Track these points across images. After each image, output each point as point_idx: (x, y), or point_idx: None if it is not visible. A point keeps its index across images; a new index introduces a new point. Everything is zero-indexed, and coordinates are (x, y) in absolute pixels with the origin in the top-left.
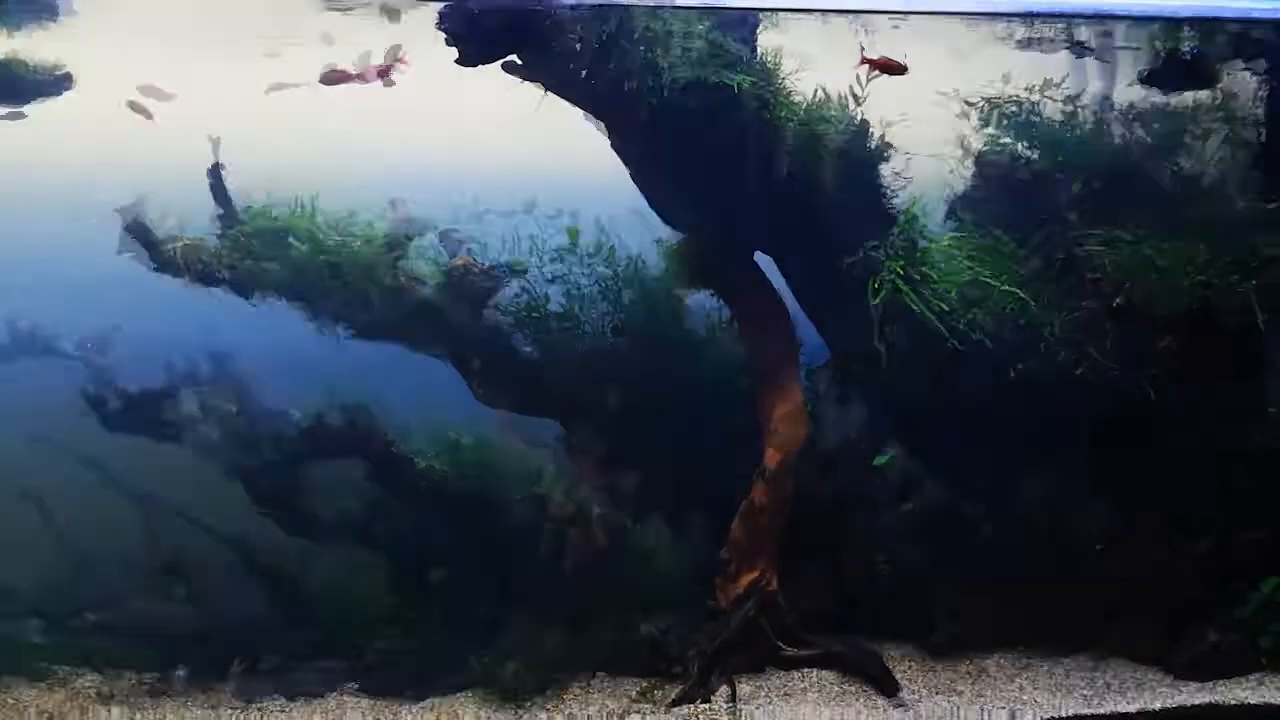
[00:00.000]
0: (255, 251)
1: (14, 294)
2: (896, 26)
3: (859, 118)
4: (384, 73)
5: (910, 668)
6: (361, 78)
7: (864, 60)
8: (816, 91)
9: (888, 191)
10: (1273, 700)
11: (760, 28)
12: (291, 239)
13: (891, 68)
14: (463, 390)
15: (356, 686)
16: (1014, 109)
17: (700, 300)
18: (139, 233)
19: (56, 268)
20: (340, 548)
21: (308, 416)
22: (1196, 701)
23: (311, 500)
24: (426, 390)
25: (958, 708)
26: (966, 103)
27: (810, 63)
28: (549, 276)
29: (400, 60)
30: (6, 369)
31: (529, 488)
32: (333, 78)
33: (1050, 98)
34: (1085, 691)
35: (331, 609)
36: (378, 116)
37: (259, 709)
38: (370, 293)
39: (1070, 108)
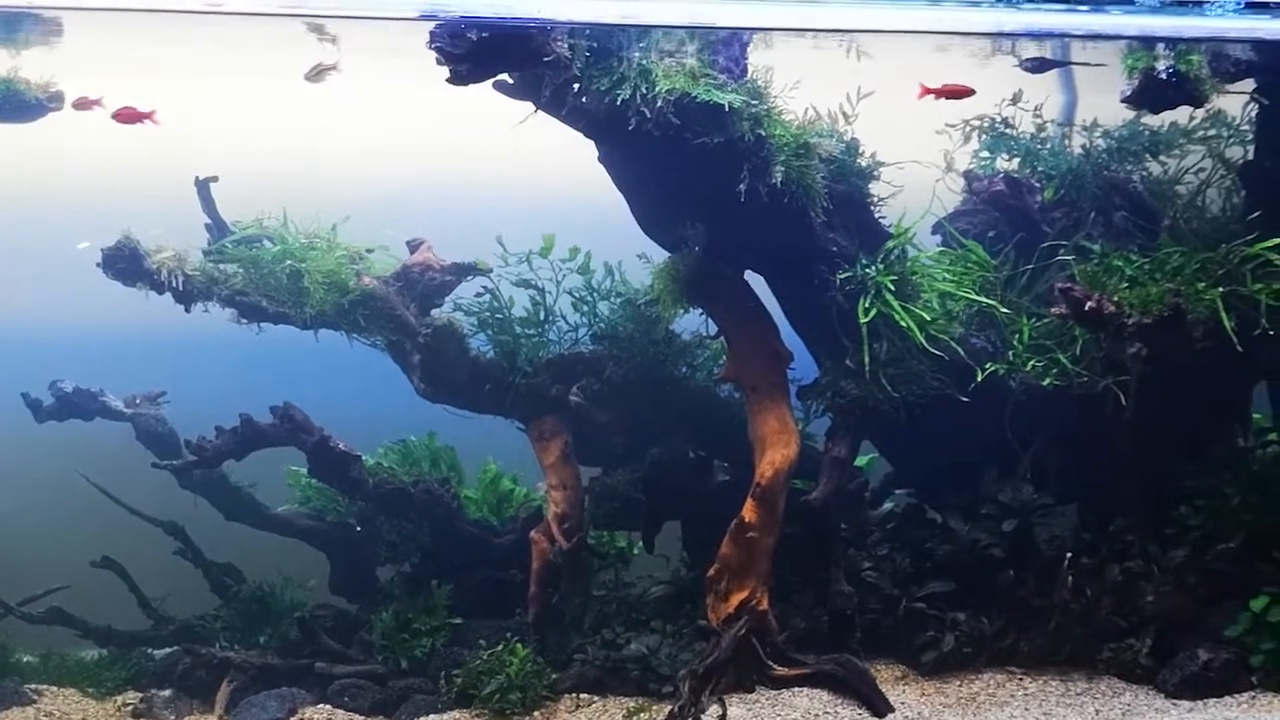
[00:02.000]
0: (230, 256)
1: None
2: (854, 55)
3: (849, 135)
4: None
5: (903, 691)
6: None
7: (925, 91)
8: (807, 110)
9: (877, 209)
10: (1263, 719)
11: (751, 47)
12: (266, 241)
13: (958, 92)
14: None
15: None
16: (991, 126)
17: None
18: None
19: None
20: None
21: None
22: None
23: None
24: (377, 385)
25: None
26: (947, 124)
27: (801, 81)
28: (515, 280)
29: (332, 67)
30: None
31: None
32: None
33: (1024, 111)
34: (1077, 712)
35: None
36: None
37: None
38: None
39: (1041, 121)
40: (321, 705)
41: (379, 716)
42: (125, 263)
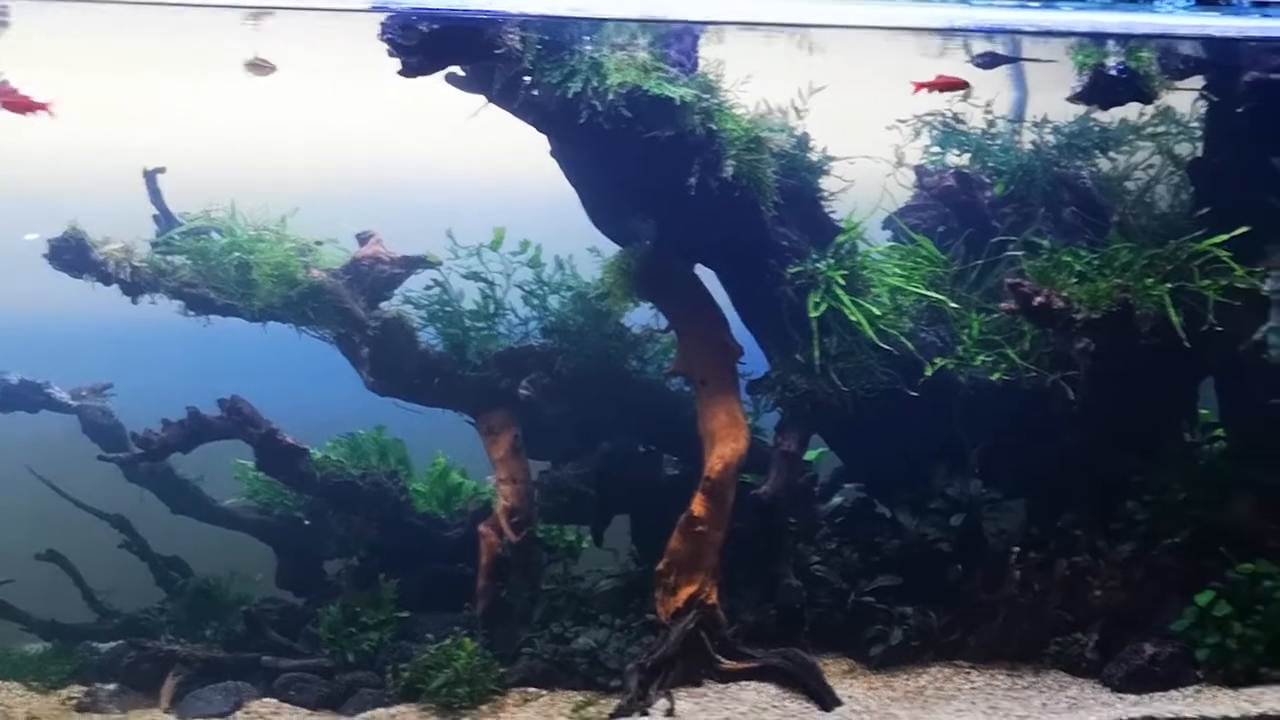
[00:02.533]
0: (178, 247)
1: None
2: (806, 49)
3: (800, 130)
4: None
5: (851, 684)
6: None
7: (919, 86)
8: (758, 104)
9: (828, 203)
10: (1207, 714)
11: (702, 41)
12: (214, 233)
13: (953, 85)
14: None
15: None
16: (942, 121)
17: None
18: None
19: None
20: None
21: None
22: (1133, 715)
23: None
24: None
25: None
26: (898, 119)
27: (753, 75)
28: (465, 273)
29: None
30: None
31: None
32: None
33: (975, 106)
34: (1023, 706)
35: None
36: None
37: None
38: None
39: (991, 116)
40: (268, 699)
41: (325, 710)
42: (72, 254)
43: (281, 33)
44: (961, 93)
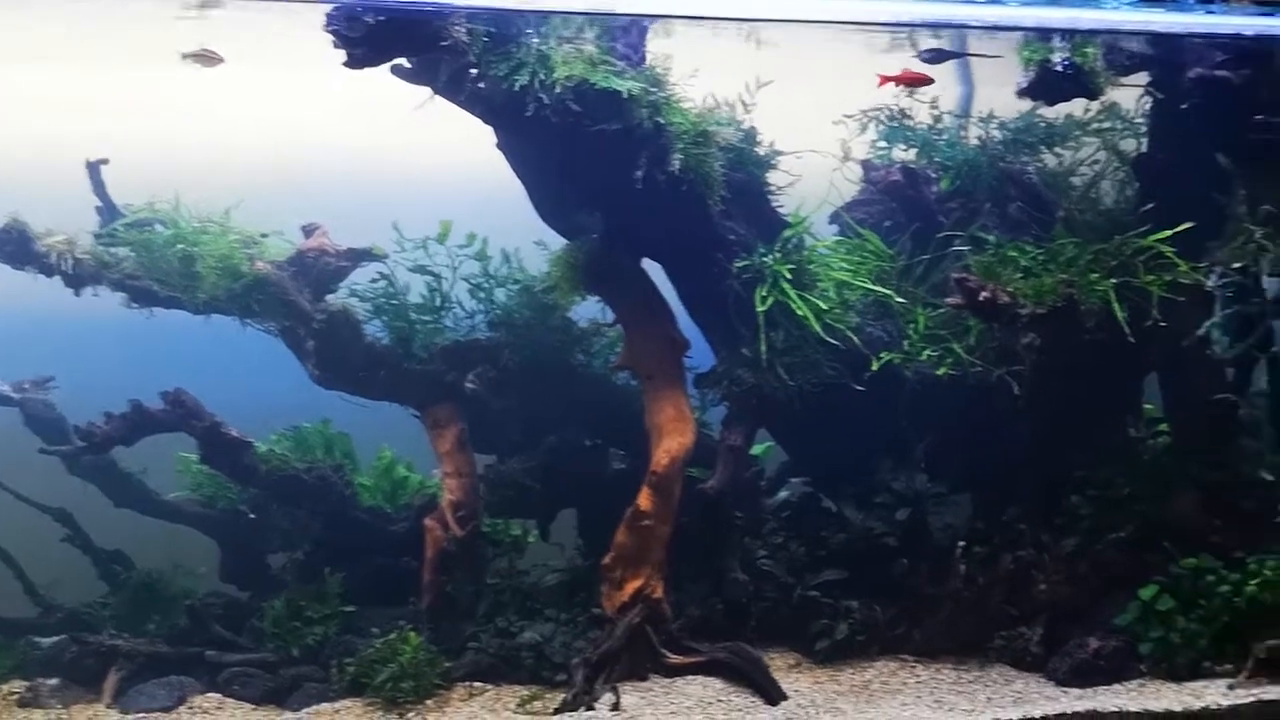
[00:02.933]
0: (121, 239)
1: None
2: (754, 43)
3: (748, 124)
4: None
5: (797, 678)
6: None
7: (884, 80)
8: (706, 98)
9: (775, 197)
10: (1151, 707)
11: (650, 34)
12: (158, 224)
13: (916, 80)
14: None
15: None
16: (888, 116)
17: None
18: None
19: None
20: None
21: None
22: (1077, 709)
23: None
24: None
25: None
26: (845, 114)
27: (700, 69)
28: (411, 266)
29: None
30: None
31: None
32: None
33: (921, 102)
34: (968, 700)
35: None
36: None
37: None
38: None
39: (937, 112)
40: (211, 694)
41: (270, 705)
42: (13, 245)
43: (229, 23)
44: (909, 89)
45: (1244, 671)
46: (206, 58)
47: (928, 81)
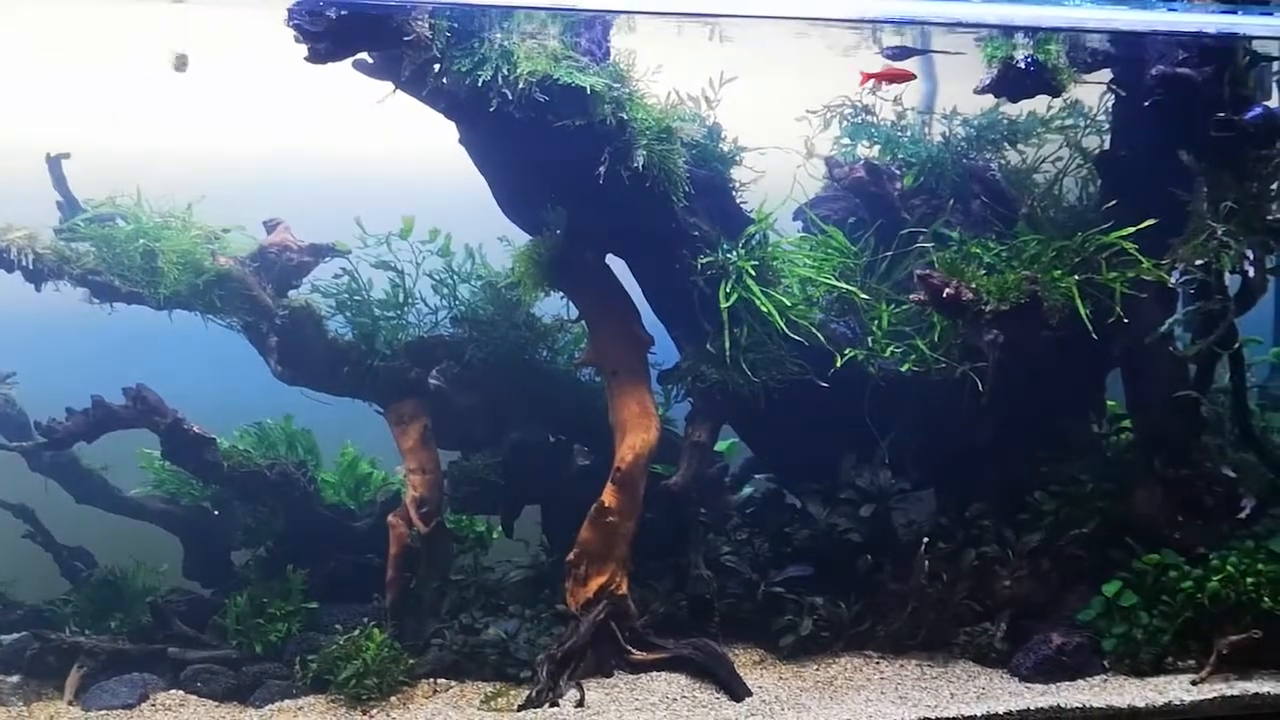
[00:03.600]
0: (83, 234)
1: None
2: (717, 39)
3: (711, 120)
4: None
5: (762, 674)
6: None
7: (866, 77)
8: (670, 94)
9: (739, 194)
10: (1114, 703)
11: (614, 30)
12: (119, 220)
13: (898, 77)
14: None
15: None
16: (852, 113)
17: (549, 303)
18: None
19: None
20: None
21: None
22: (1040, 705)
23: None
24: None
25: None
26: (809, 110)
27: (664, 65)
28: (374, 262)
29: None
30: None
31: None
32: None
33: (885, 99)
34: (932, 696)
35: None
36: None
37: (99, 717)
38: (174, 271)
39: (901, 109)
40: (174, 690)
41: (233, 702)
42: None
43: (188, 16)
44: (891, 83)
45: (1207, 667)
46: (182, 59)
47: (910, 78)
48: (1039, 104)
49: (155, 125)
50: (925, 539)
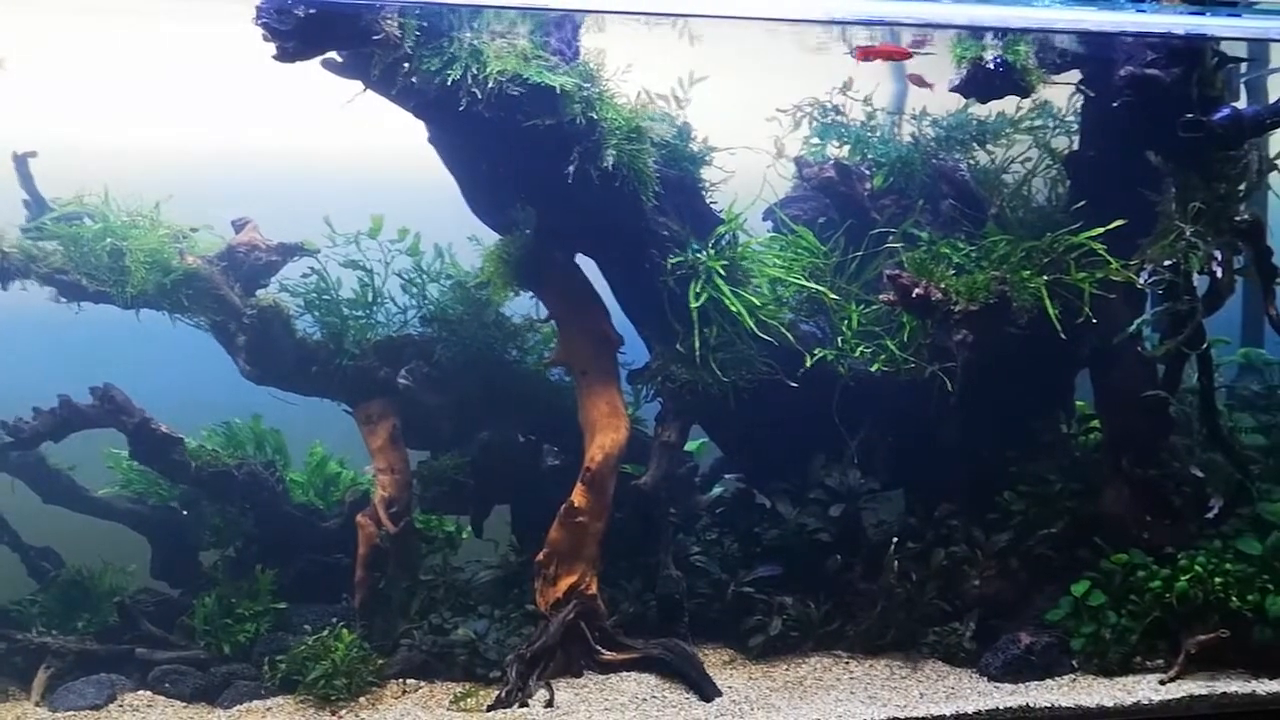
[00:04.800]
0: (49, 233)
1: None
2: (687, 39)
3: (681, 120)
4: None
5: (731, 674)
6: None
7: (863, 53)
8: (640, 94)
9: (709, 194)
10: (1082, 702)
11: (583, 29)
12: (87, 219)
13: (894, 54)
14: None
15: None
16: (821, 113)
17: (518, 303)
18: None
19: None
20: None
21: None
22: (1009, 704)
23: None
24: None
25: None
26: (779, 110)
27: (634, 65)
28: (343, 261)
29: None
30: None
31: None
32: None
33: (854, 99)
34: (902, 695)
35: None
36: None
37: (66, 718)
38: (142, 270)
39: (871, 109)
40: (142, 691)
41: (201, 703)
42: None
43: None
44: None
45: (1175, 667)
46: None
47: (907, 55)
48: (1008, 104)
49: (122, 123)
50: (894, 539)
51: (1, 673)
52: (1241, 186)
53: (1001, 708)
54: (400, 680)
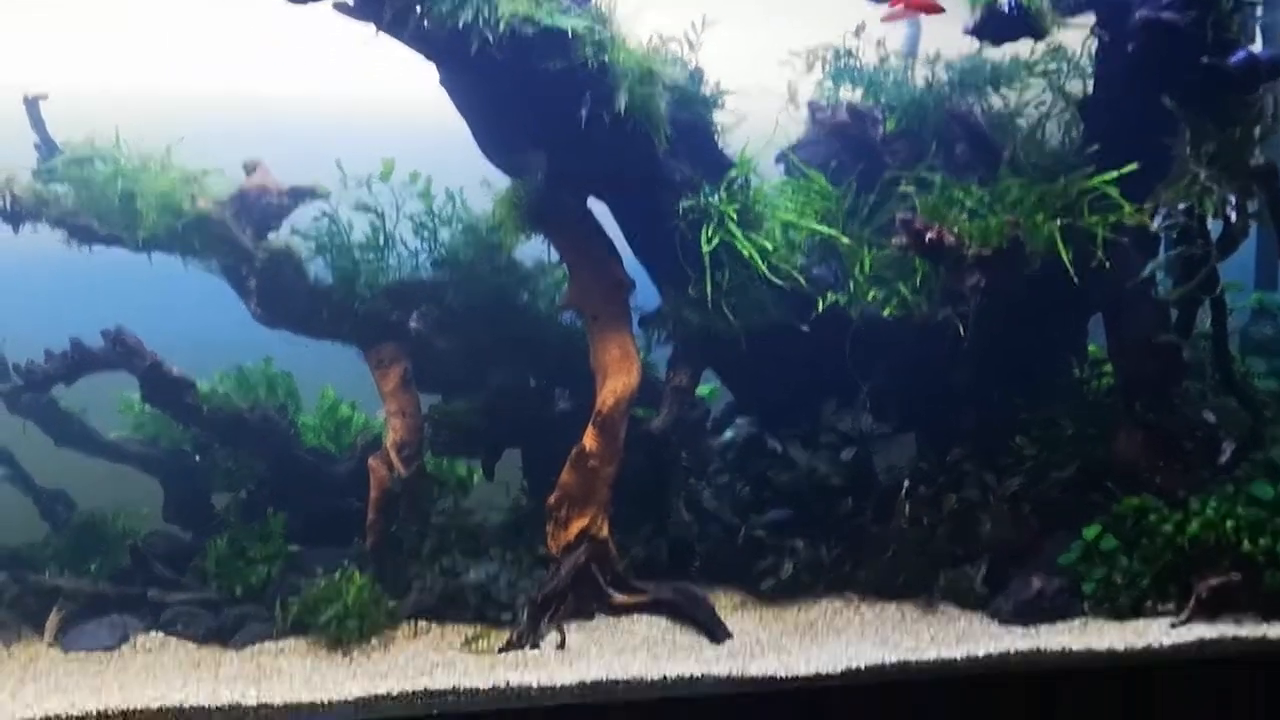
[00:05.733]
0: (60, 176)
1: None
2: None
3: (694, 63)
4: None
5: (742, 617)
6: None
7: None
8: (651, 37)
9: (721, 137)
10: (1093, 646)
11: None
12: (98, 162)
13: (927, 6)
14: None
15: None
16: (835, 56)
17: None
18: None
19: None
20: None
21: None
22: (1020, 647)
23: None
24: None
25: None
26: (792, 54)
27: (646, 6)
28: (354, 205)
29: None
30: None
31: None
32: None
33: (868, 42)
34: (913, 638)
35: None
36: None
37: (79, 659)
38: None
39: (884, 52)
40: (154, 633)
41: (213, 644)
42: None
43: None
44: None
45: (1186, 611)
46: None
47: (939, 10)
48: (1022, 48)
49: (130, 66)
50: (906, 483)
51: (14, 614)
52: (1257, 130)
53: (1012, 651)
54: (412, 622)
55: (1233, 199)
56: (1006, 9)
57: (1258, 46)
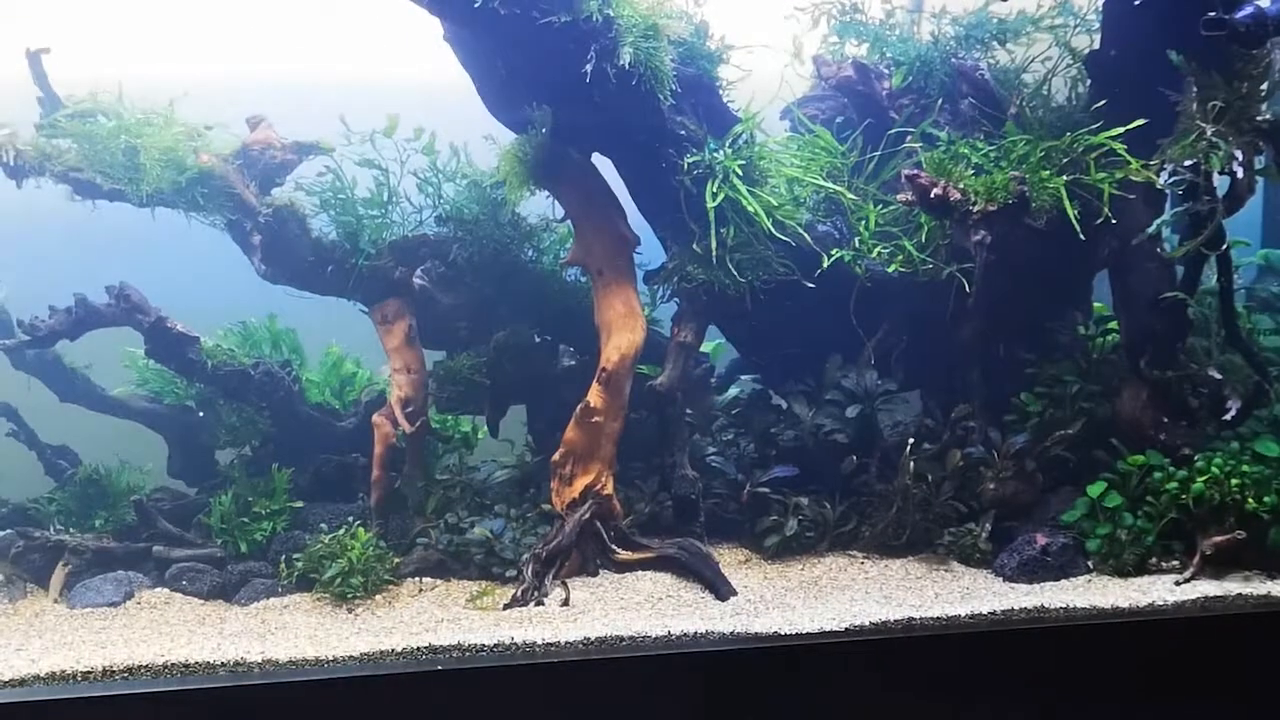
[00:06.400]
0: (63, 130)
1: None
2: None
3: (699, 17)
4: None
5: (747, 574)
6: None
7: None
8: None
9: (726, 93)
10: (1097, 603)
11: None
12: (101, 116)
13: None
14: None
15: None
16: (840, 11)
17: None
18: None
19: None
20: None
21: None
22: (1025, 604)
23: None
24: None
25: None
26: (797, 8)
27: None
28: (358, 160)
29: None
30: None
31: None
32: None
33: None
34: (917, 595)
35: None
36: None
37: (84, 615)
38: (157, 168)
39: (890, 7)
40: (159, 589)
41: (218, 600)
42: None
43: None
44: None
45: (1190, 568)
46: None
47: None
48: (1029, 3)
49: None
50: (910, 440)
51: (20, 570)
52: (1264, 86)
53: (1016, 608)
54: (417, 578)
55: (1239, 155)
56: None
57: (1265, 1)
